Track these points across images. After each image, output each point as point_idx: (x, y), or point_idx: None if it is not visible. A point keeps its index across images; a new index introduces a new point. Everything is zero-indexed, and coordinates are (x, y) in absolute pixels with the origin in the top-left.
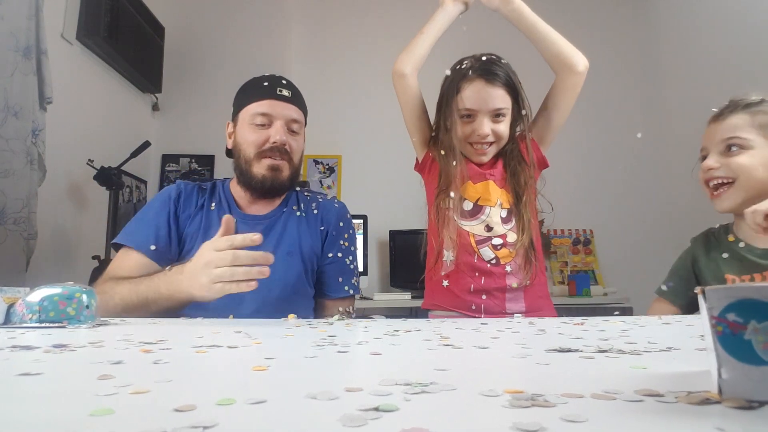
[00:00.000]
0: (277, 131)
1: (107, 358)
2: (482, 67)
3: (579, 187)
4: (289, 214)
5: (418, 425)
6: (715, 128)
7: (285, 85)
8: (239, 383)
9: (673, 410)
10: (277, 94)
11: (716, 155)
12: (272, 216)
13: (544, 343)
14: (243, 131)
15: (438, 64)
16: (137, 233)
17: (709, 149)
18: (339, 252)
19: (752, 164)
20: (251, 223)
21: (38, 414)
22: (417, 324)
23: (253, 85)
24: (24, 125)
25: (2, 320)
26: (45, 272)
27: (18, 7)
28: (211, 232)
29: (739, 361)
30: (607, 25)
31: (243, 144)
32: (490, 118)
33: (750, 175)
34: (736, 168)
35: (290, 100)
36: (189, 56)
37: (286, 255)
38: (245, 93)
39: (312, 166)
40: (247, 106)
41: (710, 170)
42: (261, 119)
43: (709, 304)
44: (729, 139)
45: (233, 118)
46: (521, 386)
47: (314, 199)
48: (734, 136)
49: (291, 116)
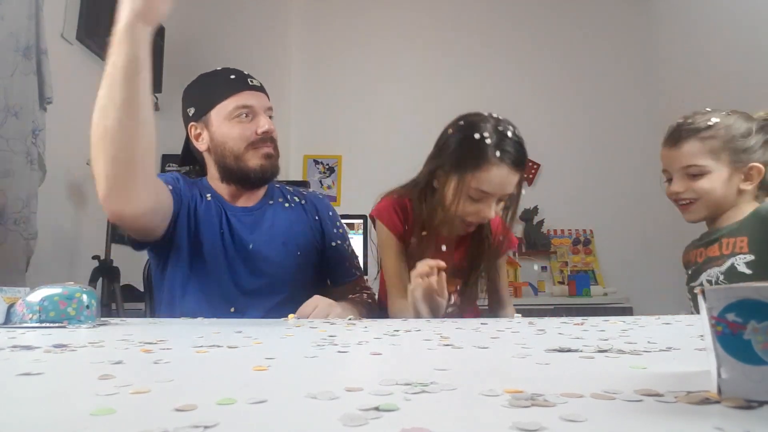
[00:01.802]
0: (263, 121)
1: (108, 358)
2: (512, 151)
3: (579, 187)
4: (277, 207)
5: (418, 425)
6: (671, 155)
7: (250, 76)
8: (240, 383)
9: (673, 410)
10: (249, 84)
11: (679, 180)
12: (260, 207)
13: (544, 343)
14: (223, 129)
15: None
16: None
17: (671, 173)
18: (338, 239)
19: (712, 186)
20: (240, 215)
21: (38, 414)
22: (417, 324)
23: (217, 81)
24: (24, 125)
25: (2, 320)
26: (45, 272)
27: (18, 7)
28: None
29: (739, 361)
30: (607, 26)
31: (228, 141)
32: (497, 201)
33: (710, 195)
34: (698, 190)
35: (260, 89)
36: (189, 56)
37: (281, 246)
38: (210, 90)
39: (312, 166)
40: (222, 102)
41: (677, 194)
42: (242, 112)
43: (708, 304)
44: (687, 168)
45: (198, 118)
46: (521, 386)
47: (297, 192)
48: (692, 164)
49: (266, 105)
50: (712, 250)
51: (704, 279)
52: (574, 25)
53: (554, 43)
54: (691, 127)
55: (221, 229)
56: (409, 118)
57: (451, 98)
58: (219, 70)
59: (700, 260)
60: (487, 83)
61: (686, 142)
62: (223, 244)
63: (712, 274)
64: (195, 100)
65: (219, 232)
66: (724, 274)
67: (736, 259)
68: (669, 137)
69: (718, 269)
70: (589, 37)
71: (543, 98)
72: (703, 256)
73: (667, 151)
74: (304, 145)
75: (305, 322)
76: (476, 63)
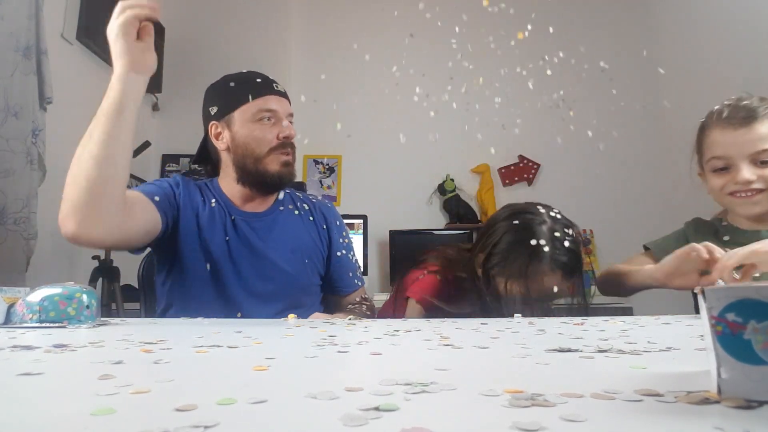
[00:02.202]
0: (286, 126)
1: (108, 358)
2: (566, 261)
3: (579, 187)
4: (287, 213)
5: (418, 425)
6: (738, 138)
7: (275, 81)
8: (240, 383)
9: (673, 410)
10: (275, 89)
11: (749, 167)
12: (270, 214)
13: (544, 343)
14: (245, 130)
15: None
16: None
17: (734, 160)
18: (344, 249)
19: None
20: (250, 220)
21: (38, 414)
22: (417, 324)
23: (244, 82)
24: (24, 125)
25: (2, 320)
26: (45, 272)
27: (18, 7)
28: (215, 227)
29: (739, 360)
30: (608, 27)
31: (250, 142)
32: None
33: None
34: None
35: (284, 95)
36: (189, 56)
37: (290, 253)
38: (236, 91)
39: (312, 166)
40: (248, 103)
41: (748, 182)
42: (267, 115)
43: (708, 304)
44: (763, 152)
45: (221, 117)
46: (521, 386)
47: (306, 200)
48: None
49: (288, 111)
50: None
51: None
52: (575, 25)
53: (555, 43)
54: (753, 106)
55: (226, 235)
56: (409, 118)
57: (451, 98)
58: (245, 73)
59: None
60: (488, 83)
61: (759, 123)
62: (229, 250)
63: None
64: (218, 99)
65: (224, 240)
66: None
67: None
68: (732, 118)
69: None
70: (589, 37)
71: (543, 98)
72: None
73: (728, 133)
74: (304, 145)
75: (305, 322)
76: (477, 63)
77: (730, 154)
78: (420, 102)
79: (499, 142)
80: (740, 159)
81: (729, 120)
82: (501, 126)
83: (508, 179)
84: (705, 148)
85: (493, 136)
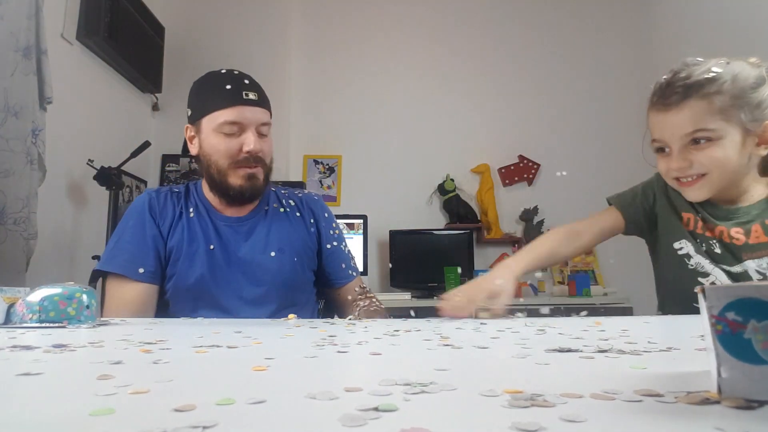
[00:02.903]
0: (250, 140)
1: (107, 358)
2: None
3: (579, 187)
4: (273, 213)
5: (417, 425)
6: (669, 120)
7: (249, 87)
8: (239, 383)
9: (673, 410)
10: (243, 98)
11: (681, 151)
12: (253, 216)
13: (543, 343)
14: (210, 140)
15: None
16: (119, 257)
17: (669, 143)
18: (334, 241)
19: (725, 156)
20: (234, 225)
21: (38, 414)
22: (417, 324)
23: (214, 88)
24: (24, 125)
25: (2, 320)
26: (45, 272)
27: (18, 7)
28: (195, 240)
29: (739, 360)
30: (607, 26)
31: (213, 154)
32: None
33: (724, 167)
34: (709, 162)
35: (257, 102)
36: (189, 56)
37: (278, 252)
38: (206, 97)
39: (312, 166)
40: (212, 113)
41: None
42: (230, 128)
43: (708, 303)
44: (694, 133)
45: (193, 122)
46: (521, 386)
47: (292, 195)
48: (699, 129)
49: (260, 120)
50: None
51: (753, 268)
52: (575, 26)
53: (555, 43)
54: (691, 82)
55: (210, 244)
56: (410, 118)
57: (451, 98)
58: (221, 75)
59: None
60: (488, 83)
61: (688, 102)
62: (214, 259)
63: (765, 266)
64: (193, 101)
65: (209, 249)
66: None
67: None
68: (661, 97)
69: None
70: (590, 37)
71: (543, 98)
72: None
73: (661, 115)
74: (304, 145)
75: (305, 322)
76: (477, 63)
77: (664, 138)
78: (420, 101)
79: (499, 142)
80: (673, 142)
81: (662, 101)
82: (501, 126)
83: (508, 179)
84: (649, 128)
85: (493, 136)
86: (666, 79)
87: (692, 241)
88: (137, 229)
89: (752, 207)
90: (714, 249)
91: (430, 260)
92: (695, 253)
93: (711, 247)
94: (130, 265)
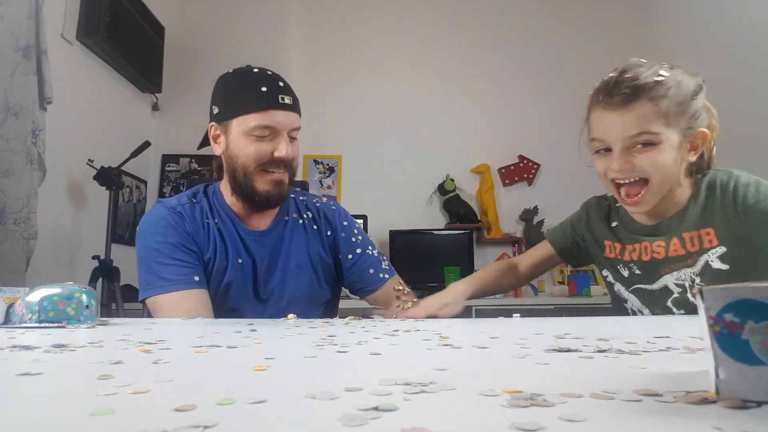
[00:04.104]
0: (282, 147)
1: (107, 358)
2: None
3: (579, 186)
4: (293, 224)
5: (417, 425)
6: (614, 120)
7: (284, 90)
8: (239, 383)
9: (672, 410)
10: (279, 103)
11: (623, 153)
12: (275, 228)
13: (543, 343)
14: (239, 142)
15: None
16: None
17: (610, 143)
18: (357, 248)
19: (664, 161)
20: (260, 240)
21: (38, 414)
22: (417, 324)
23: (249, 88)
24: (24, 125)
25: (2, 320)
26: (45, 272)
27: (18, 7)
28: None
29: (737, 361)
30: (607, 26)
31: (240, 156)
32: None
33: (663, 174)
34: (649, 168)
35: (291, 107)
36: (189, 56)
37: (296, 268)
38: (238, 97)
39: (312, 166)
40: (245, 115)
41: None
42: (262, 132)
43: (706, 304)
44: (638, 135)
45: (220, 121)
46: (520, 386)
47: (310, 204)
48: (644, 132)
49: (293, 125)
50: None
51: (671, 282)
52: (576, 26)
53: (555, 43)
54: (639, 83)
55: (239, 258)
56: (410, 118)
57: (451, 98)
58: (254, 75)
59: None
60: (488, 83)
61: (635, 104)
62: (242, 272)
63: (683, 277)
64: (221, 99)
65: (237, 262)
66: (699, 276)
67: (708, 256)
68: (607, 95)
69: (690, 270)
70: (590, 37)
71: (543, 98)
72: (649, 254)
73: (606, 113)
74: (304, 145)
75: (305, 322)
76: (477, 63)
77: (606, 137)
78: (420, 102)
79: (499, 142)
80: (615, 143)
81: (608, 99)
82: (501, 126)
83: (508, 179)
84: (589, 127)
85: (493, 136)
86: (613, 77)
87: (612, 269)
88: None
89: (672, 219)
90: (634, 270)
91: (430, 260)
92: (614, 280)
93: (631, 269)
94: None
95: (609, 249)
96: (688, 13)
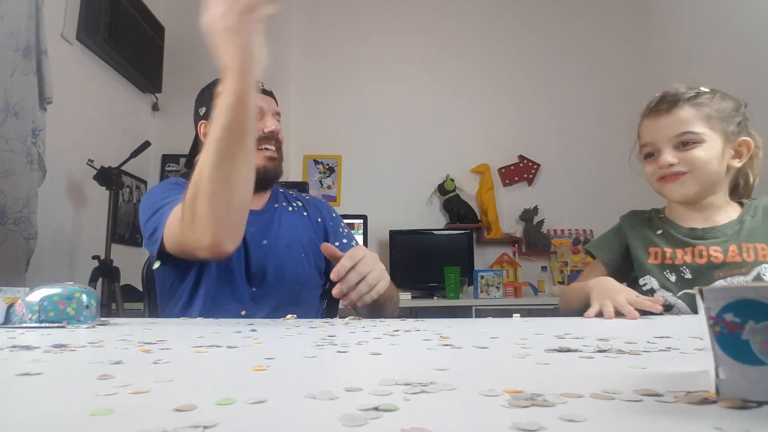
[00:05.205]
0: (270, 122)
1: (107, 358)
2: None
3: (579, 187)
4: (282, 210)
5: (417, 425)
6: (660, 123)
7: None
8: (239, 383)
9: (672, 410)
10: (260, 89)
11: (670, 150)
12: (267, 211)
13: (543, 343)
14: None
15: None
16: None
17: (659, 145)
18: (344, 239)
19: (708, 157)
20: (251, 218)
21: (38, 414)
22: (417, 324)
23: None
24: (24, 125)
25: (2, 320)
26: (45, 272)
27: (18, 7)
28: None
29: (737, 361)
30: (608, 26)
31: None
32: None
33: (705, 168)
34: (693, 161)
35: (271, 94)
36: (189, 56)
37: (285, 247)
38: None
39: (312, 166)
40: None
41: (670, 166)
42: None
43: (706, 304)
44: (682, 135)
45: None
46: (520, 386)
47: (299, 196)
48: (687, 131)
49: (276, 109)
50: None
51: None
52: (576, 26)
53: (555, 43)
54: (681, 93)
55: None
56: (409, 118)
57: (451, 98)
58: None
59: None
60: (488, 83)
61: (679, 109)
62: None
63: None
64: (207, 100)
65: None
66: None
67: (762, 268)
68: (656, 106)
69: (743, 278)
70: (590, 37)
71: (543, 98)
72: (705, 257)
73: (653, 120)
74: (304, 145)
75: (304, 322)
76: (477, 63)
77: (655, 140)
78: (420, 102)
79: (499, 142)
80: (663, 143)
81: (655, 109)
82: (501, 126)
83: (508, 179)
84: (639, 138)
85: (493, 136)
86: (657, 96)
87: (657, 275)
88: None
89: (726, 227)
90: (684, 275)
91: (430, 260)
92: (659, 287)
93: (681, 273)
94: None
95: (654, 256)
96: (689, 14)
